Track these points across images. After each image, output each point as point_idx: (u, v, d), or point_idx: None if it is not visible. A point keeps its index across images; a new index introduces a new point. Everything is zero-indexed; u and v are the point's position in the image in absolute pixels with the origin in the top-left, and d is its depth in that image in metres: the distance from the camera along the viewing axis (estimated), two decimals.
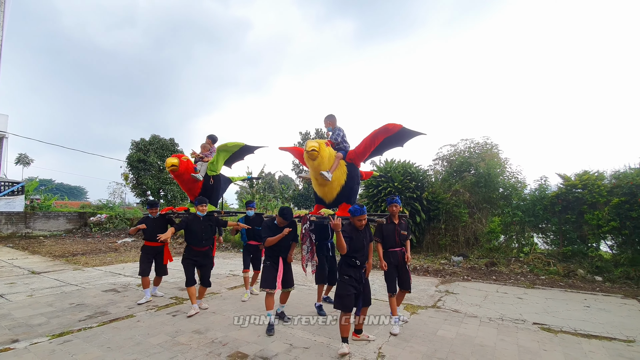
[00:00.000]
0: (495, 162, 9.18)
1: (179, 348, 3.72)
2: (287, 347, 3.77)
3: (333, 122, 5.03)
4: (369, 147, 4.62)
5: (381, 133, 4.42)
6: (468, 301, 5.68)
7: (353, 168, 4.77)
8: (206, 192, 6.03)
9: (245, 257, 6.00)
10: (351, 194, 4.79)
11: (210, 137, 6.51)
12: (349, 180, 4.68)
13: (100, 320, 4.62)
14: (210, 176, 6.07)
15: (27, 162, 39.25)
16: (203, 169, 5.99)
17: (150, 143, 18.12)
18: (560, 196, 8.18)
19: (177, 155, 5.87)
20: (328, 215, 4.53)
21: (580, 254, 7.86)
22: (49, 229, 17.98)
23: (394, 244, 4.41)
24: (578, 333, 4.26)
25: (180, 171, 5.69)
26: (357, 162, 4.83)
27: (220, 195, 6.76)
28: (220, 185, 6.43)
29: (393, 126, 4.31)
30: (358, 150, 4.72)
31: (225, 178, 6.76)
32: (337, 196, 4.69)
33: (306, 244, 4.61)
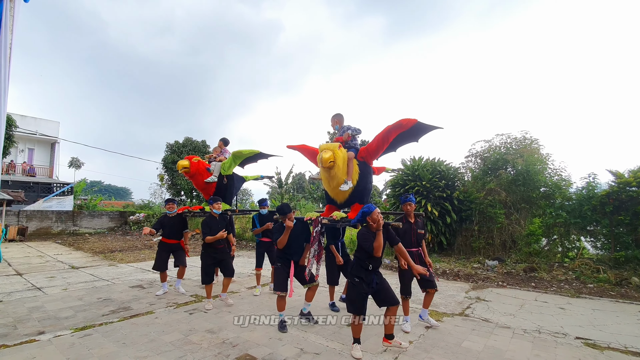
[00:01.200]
0: (535, 158, 8.43)
1: (190, 347, 3.68)
2: (298, 351, 3.61)
3: (340, 121, 4.88)
4: (381, 145, 4.36)
5: (394, 129, 4.15)
6: (501, 310, 5.19)
7: (365, 167, 4.55)
8: (220, 191, 6.22)
9: (258, 255, 6.07)
10: (364, 194, 4.56)
11: (223, 140, 6.81)
12: (362, 179, 4.47)
13: (122, 316, 4.73)
14: (224, 176, 6.25)
15: (78, 165, 42.49)
16: (216, 169, 6.18)
17: (183, 145, 18.81)
18: (612, 195, 7.31)
19: (188, 158, 6.14)
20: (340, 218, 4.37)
21: (635, 260, 6.96)
22: (94, 226, 19.28)
23: (410, 244, 4.26)
24: (629, 351, 3.70)
25: (192, 172, 6.01)
26: (369, 160, 4.61)
27: (234, 194, 6.91)
28: (233, 184, 6.60)
29: (407, 121, 4.05)
30: (370, 147, 4.48)
31: (238, 177, 6.89)
32: (350, 197, 4.49)
33: (314, 247, 4.47)
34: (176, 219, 5.94)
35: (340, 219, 4.36)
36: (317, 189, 27.65)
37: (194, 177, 6.12)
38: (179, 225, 5.97)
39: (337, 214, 4.46)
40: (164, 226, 5.90)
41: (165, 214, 5.98)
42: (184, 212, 6.22)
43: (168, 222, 5.87)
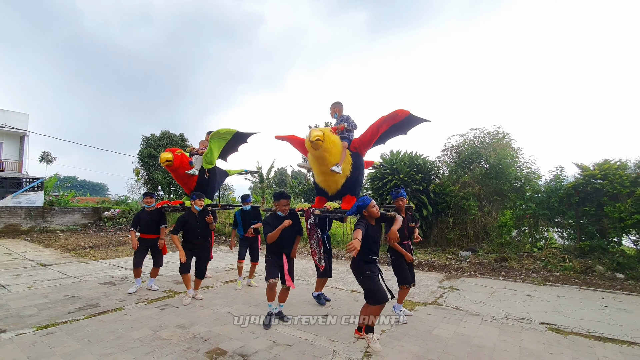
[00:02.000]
0: (507, 152, 8.68)
1: (158, 343, 3.59)
2: (270, 344, 3.58)
3: (340, 109, 4.79)
4: (375, 135, 4.33)
5: (389, 120, 4.14)
6: (472, 298, 5.34)
7: (358, 157, 4.49)
8: (202, 185, 5.98)
9: (241, 248, 6.00)
10: (356, 185, 4.51)
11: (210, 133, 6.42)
12: (354, 170, 4.41)
13: (88, 313, 4.56)
14: (206, 170, 5.99)
15: (50, 159, 40.64)
16: (198, 163, 5.95)
17: (160, 139, 18.28)
18: (578, 187, 7.63)
19: (171, 150, 5.80)
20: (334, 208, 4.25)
21: (599, 250, 7.32)
22: (66, 223, 18.51)
23: (403, 237, 4.29)
24: (592, 335, 3.88)
25: (175, 166, 5.69)
26: (362, 151, 4.55)
27: (217, 189, 6.64)
28: (215, 178, 6.33)
29: (402, 112, 4.05)
30: (364, 138, 4.44)
31: (221, 171, 6.65)
32: (342, 188, 4.43)
33: (314, 239, 4.43)
34: (154, 213, 5.77)
35: (333, 210, 4.26)
36: (299, 184, 27.59)
37: (177, 171, 5.86)
38: (157, 219, 5.78)
39: (331, 204, 4.34)
40: (141, 221, 5.70)
41: (143, 208, 5.79)
42: (163, 206, 5.99)
43: (145, 217, 5.71)
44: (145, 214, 5.72)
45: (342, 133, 4.53)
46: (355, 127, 4.64)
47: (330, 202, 4.40)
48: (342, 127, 4.53)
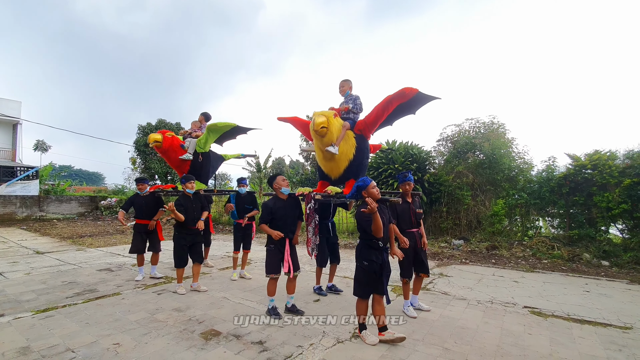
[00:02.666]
0: (501, 142, 8.78)
1: (155, 325, 3.71)
2: (262, 326, 3.72)
3: (350, 86, 4.51)
4: (380, 115, 4.08)
5: (396, 98, 3.88)
6: (460, 284, 5.50)
7: (362, 140, 4.26)
8: (195, 169, 5.86)
9: (235, 239, 5.85)
10: (360, 170, 4.30)
11: (204, 114, 6.33)
12: (358, 153, 4.18)
13: (87, 298, 4.68)
14: (200, 154, 5.90)
15: (44, 148, 40.36)
16: (191, 146, 5.80)
17: (156, 127, 18.21)
18: (568, 177, 7.77)
19: (161, 132, 5.69)
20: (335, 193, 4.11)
21: (587, 238, 7.50)
22: (62, 212, 18.56)
23: (410, 225, 4.08)
24: (570, 318, 4.05)
25: (165, 147, 5.58)
26: (366, 133, 4.32)
27: (212, 174, 6.51)
28: (210, 162, 6.19)
29: (410, 90, 3.79)
30: (368, 119, 4.19)
31: (216, 155, 6.49)
32: (345, 172, 4.23)
33: (311, 225, 4.24)
34: (149, 198, 5.69)
35: (335, 194, 4.10)
36: (296, 174, 27.64)
37: (167, 154, 5.74)
38: (153, 204, 5.69)
39: (332, 188, 4.19)
40: (135, 206, 5.66)
41: (137, 193, 5.74)
42: (156, 190, 5.93)
43: (140, 202, 5.63)
44: (139, 199, 5.63)
45: (346, 113, 4.33)
46: (361, 110, 4.39)
47: (331, 187, 4.24)
48: (346, 108, 4.32)
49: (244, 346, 3.21)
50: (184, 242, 4.91)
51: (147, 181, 5.82)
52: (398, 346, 3.25)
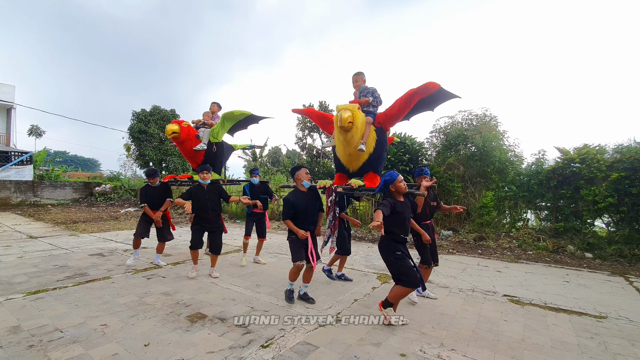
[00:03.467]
0: (493, 134, 8.83)
1: (143, 308, 3.81)
2: (248, 309, 3.82)
3: (364, 80, 4.45)
4: (403, 109, 4.01)
5: (419, 93, 3.78)
6: (445, 273, 5.64)
7: (382, 133, 4.21)
8: (209, 159, 5.81)
9: (248, 224, 5.90)
10: (379, 163, 4.27)
11: (217, 103, 6.26)
12: (378, 147, 4.15)
13: (77, 281, 4.76)
14: (214, 143, 5.82)
15: (39, 133, 39.96)
16: (205, 136, 5.74)
17: (150, 114, 18.10)
18: (557, 170, 7.88)
19: (178, 122, 5.55)
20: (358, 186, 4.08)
21: (572, 230, 7.66)
22: (56, 197, 18.55)
23: (425, 217, 4.22)
24: (547, 306, 4.19)
25: (182, 138, 5.45)
26: (386, 126, 4.27)
27: (224, 163, 6.47)
28: (223, 152, 6.15)
29: (433, 85, 3.69)
30: (390, 112, 4.11)
31: (228, 145, 6.46)
32: (364, 165, 4.19)
33: (329, 218, 4.19)
34: (160, 188, 5.61)
35: (357, 188, 4.08)
36: (292, 163, 27.69)
37: (183, 144, 5.59)
38: (163, 195, 5.61)
39: (355, 181, 4.17)
40: (147, 196, 5.55)
41: (147, 184, 5.63)
42: (170, 180, 5.86)
43: (151, 192, 5.55)
44: (151, 189, 5.56)
45: (366, 107, 4.24)
46: (380, 102, 4.31)
47: (354, 180, 4.25)
48: (367, 100, 4.22)
49: (228, 328, 3.31)
50: (199, 227, 5.05)
51: (157, 174, 5.67)
52: (377, 330, 3.37)
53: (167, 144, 18.30)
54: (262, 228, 5.90)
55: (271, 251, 7.22)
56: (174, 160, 18.34)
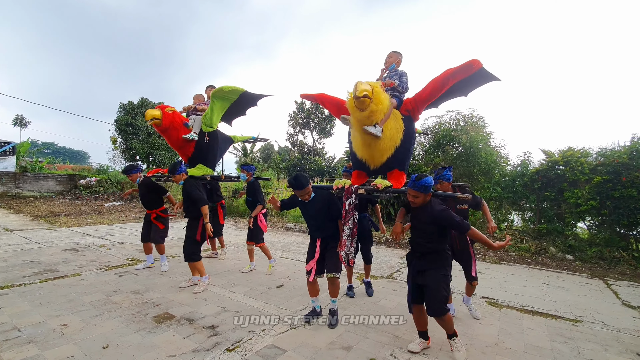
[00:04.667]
0: (479, 135, 8.82)
1: (108, 307, 3.67)
2: (219, 310, 3.71)
3: (399, 60, 3.81)
4: (436, 92, 3.40)
5: (459, 72, 3.21)
6: None
7: (410, 123, 3.56)
8: (200, 151, 5.12)
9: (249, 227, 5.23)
10: (405, 158, 3.62)
11: (212, 87, 5.42)
12: (406, 139, 3.49)
13: (45, 277, 4.58)
14: (206, 133, 5.09)
15: (24, 123, 39.09)
16: (196, 125, 5.03)
17: (138, 107, 17.73)
18: (541, 172, 7.89)
19: (160, 107, 4.90)
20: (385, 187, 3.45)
21: (555, 232, 7.69)
22: (39, 190, 18.08)
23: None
24: (524, 309, 4.16)
25: (165, 125, 4.80)
26: (415, 114, 3.65)
27: (220, 157, 5.66)
28: (217, 143, 5.33)
29: (477, 63, 3.11)
30: (421, 96, 3.50)
31: (225, 137, 5.68)
32: (388, 160, 3.53)
33: (348, 225, 3.55)
34: (142, 187, 5.06)
35: (384, 189, 3.44)
36: (283, 160, 27.52)
37: (167, 132, 4.95)
38: (146, 193, 5.06)
39: (381, 181, 3.52)
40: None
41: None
42: (155, 175, 5.37)
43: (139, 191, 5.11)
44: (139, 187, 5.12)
45: (391, 90, 3.62)
46: (407, 89, 3.70)
47: (379, 179, 3.61)
48: (392, 83, 3.62)
49: (195, 330, 3.20)
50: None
51: (135, 170, 5.07)
52: (349, 333, 3.29)
53: (155, 137, 17.96)
54: (254, 233, 5.07)
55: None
56: (162, 154, 18.02)
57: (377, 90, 3.14)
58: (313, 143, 27.85)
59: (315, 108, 26.13)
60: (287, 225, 10.36)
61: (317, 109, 26.08)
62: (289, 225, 10.34)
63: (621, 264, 6.55)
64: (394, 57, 3.82)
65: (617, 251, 6.84)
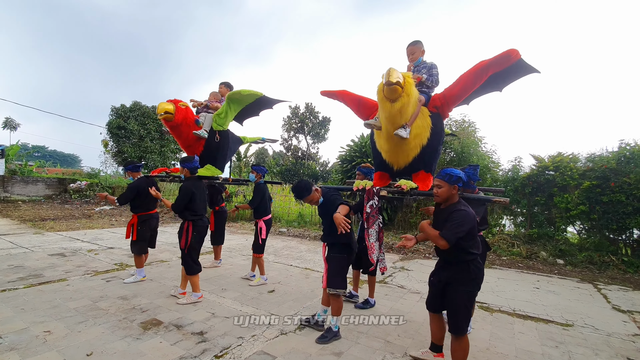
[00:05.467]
0: (471, 140, 8.90)
1: (94, 313, 3.58)
2: (208, 316, 3.64)
3: (423, 50, 3.53)
4: (469, 87, 3.14)
5: (495, 64, 2.92)
6: (419, 278, 5.58)
7: (439, 120, 3.30)
8: (210, 151, 4.89)
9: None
10: (433, 159, 3.39)
11: (226, 84, 5.21)
12: (434, 137, 3.24)
13: (30, 283, 4.47)
14: (217, 132, 4.86)
15: (13, 126, 38.53)
16: (207, 122, 4.83)
17: (130, 110, 17.56)
18: (532, 177, 7.97)
19: (173, 101, 4.61)
20: (410, 188, 3.20)
21: (545, 237, 7.75)
22: (28, 194, 17.75)
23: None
24: (515, 313, 4.16)
25: (177, 121, 4.51)
26: (444, 111, 3.38)
27: (229, 157, 5.40)
28: (228, 143, 5.07)
29: (515, 54, 2.83)
30: (451, 92, 3.24)
31: (235, 137, 5.43)
32: (414, 161, 3.29)
33: (374, 228, 3.36)
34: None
35: (409, 191, 3.19)
36: (276, 165, 27.44)
37: (178, 129, 4.64)
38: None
39: (406, 182, 3.25)
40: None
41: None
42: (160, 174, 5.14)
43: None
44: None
45: (418, 85, 3.32)
46: (437, 83, 3.43)
47: (404, 180, 3.32)
48: (419, 78, 3.32)
49: (183, 337, 3.13)
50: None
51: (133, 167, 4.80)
52: (341, 339, 3.24)
53: (148, 140, 17.80)
54: (254, 241, 4.82)
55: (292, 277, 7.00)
56: (154, 157, 17.85)
57: (409, 81, 2.90)
58: (307, 147, 27.87)
59: (309, 113, 26.18)
60: (280, 230, 10.30)
61: (312, 114, 26.13)
62: (282, 230, 10.28)
63: (611, 268, 6.62)
64: (417, 51, 3.53)
65: (607, 255, 6.91)
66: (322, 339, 3.16)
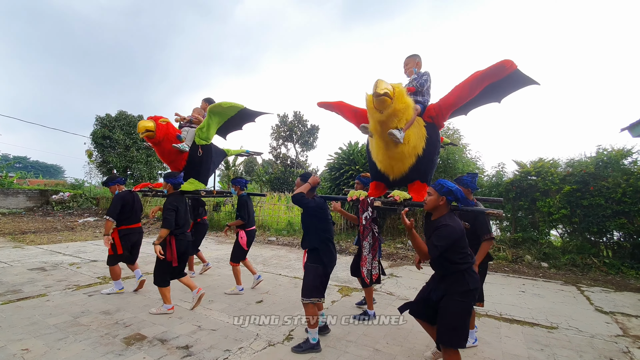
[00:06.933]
0: (456, 147, 9.06)
1: (75, 329, 3.47)
2: (194, 328, 3.57)
3: (417, 62, 3.58)
4: (464, 97, 3.15)
5: (489, 75, 2.94)
6: (407, 284, 5.60)
7: (434, 130, 3.33)
8: (193, 165, 4.92)
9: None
10: (429, 169, 3.39)
11: (207, 100, 5.31)
12: (429, 148, 3.26)
13: (7, 299, 4.31)
14: (199, 145, 4.91)
15: None
16: (189, 137, 4.87)
17: (115, 119, 17.31)
18: (515, 183, 8.16)
19: (154, 118, 4.68)
20: (403, 199, 3.17)
21: (530, 241, 7.91)
22: (8, 206, 17.18)
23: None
24: (502, 317, 4.22)
25: (159, 138, 4.57)
26: (439, 121, 3.39)
27: (213, 171, 5.45)
28: (211, 157, 5.14)
29: (510, 64, 2.84)
30: (446, 102, 3.25)
31: (219, 150, 5.50)
32: (410, 171, 3.30)
33: (368, 240, 3.37)
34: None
35: (402, 201, 3.17)
36: (265, 173, 27.34)
37: (160, 145, 4.69)
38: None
39: (399, 193, 3.22)
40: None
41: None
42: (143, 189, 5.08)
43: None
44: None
45: (413, 96, 3.36)
46: (425, 87, 3.45)
47: (397, 191, 3.29)
48: (411, 89, 3.39)
49: (168, 351, 3.06)
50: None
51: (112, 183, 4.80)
52: (329, 348, 3.22)
53: (133, 150, 17.52)
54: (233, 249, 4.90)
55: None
56: (140, 167, 17.57)
57: (399, 91, 2.94)
58: (296, 156, 27.88)
59: (297, 121, 26.27)
60: (269, 239, 10.22)
61: (300, 122, 26.23)
62: (271, 239, 10.20)
63: (593, 270, 6.78)
64: (411, 62, 3.60)
65: (589, 258, 7.08)
66: (297, 348, 3.15)
